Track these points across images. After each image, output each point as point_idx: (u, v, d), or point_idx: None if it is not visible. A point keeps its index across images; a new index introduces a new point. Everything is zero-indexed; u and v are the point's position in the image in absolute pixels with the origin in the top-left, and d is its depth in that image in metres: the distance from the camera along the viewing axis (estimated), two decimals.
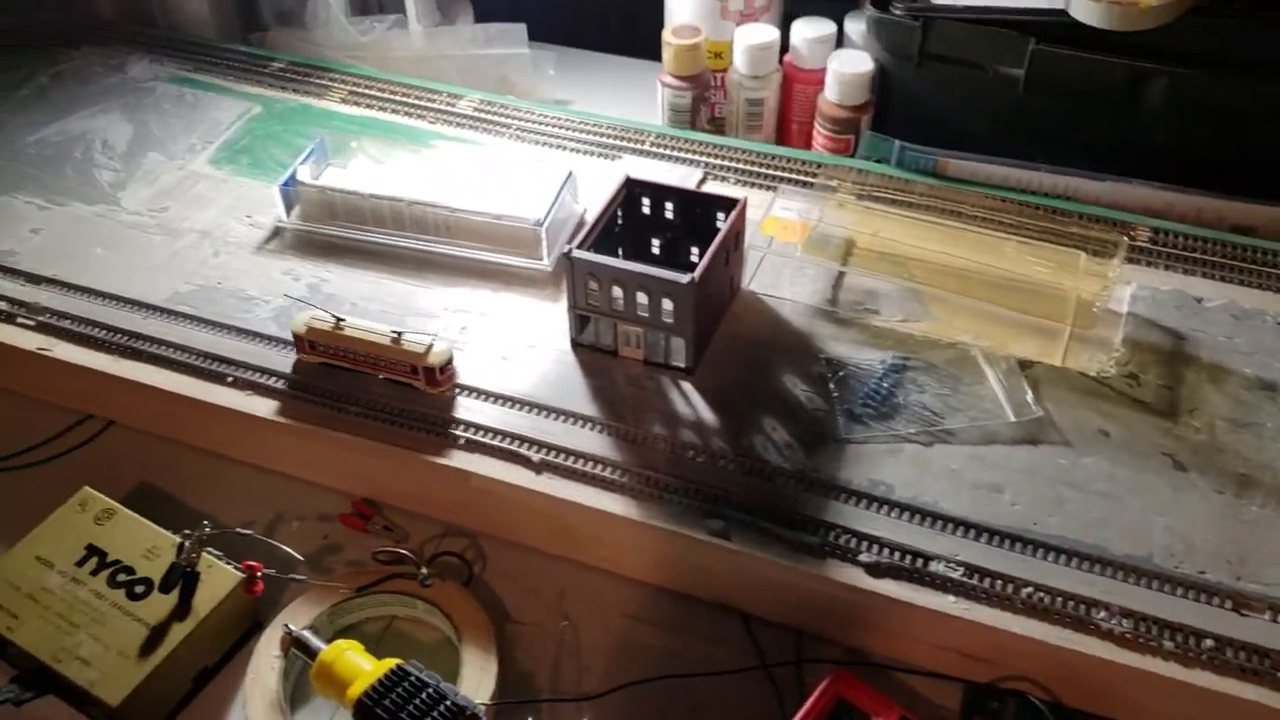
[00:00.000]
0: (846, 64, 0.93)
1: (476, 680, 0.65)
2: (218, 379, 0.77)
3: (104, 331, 0.80)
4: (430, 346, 0.74)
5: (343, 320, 0.75)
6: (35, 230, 0.88)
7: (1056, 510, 0.68)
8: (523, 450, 0.72)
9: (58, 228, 0.88)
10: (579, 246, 0.75)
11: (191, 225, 0.88)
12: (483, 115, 0.99)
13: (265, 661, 0.66)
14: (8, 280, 0.84)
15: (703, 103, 1.00)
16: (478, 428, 0.73)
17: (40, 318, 0.81)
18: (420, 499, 0.75)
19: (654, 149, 0.95)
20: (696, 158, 0.94)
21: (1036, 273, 0.82)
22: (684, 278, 0.72)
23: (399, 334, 0.74)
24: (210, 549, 0.68)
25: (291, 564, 0.70)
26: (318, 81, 1.03)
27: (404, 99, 1.01)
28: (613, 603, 0.71)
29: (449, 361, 0.75)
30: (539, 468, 0.71)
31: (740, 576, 0.68)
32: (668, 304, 0.73)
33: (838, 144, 0.95)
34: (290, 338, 0.77)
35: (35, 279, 0.84)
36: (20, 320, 0.81)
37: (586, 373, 0.77)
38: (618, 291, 0.74)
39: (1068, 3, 0.84)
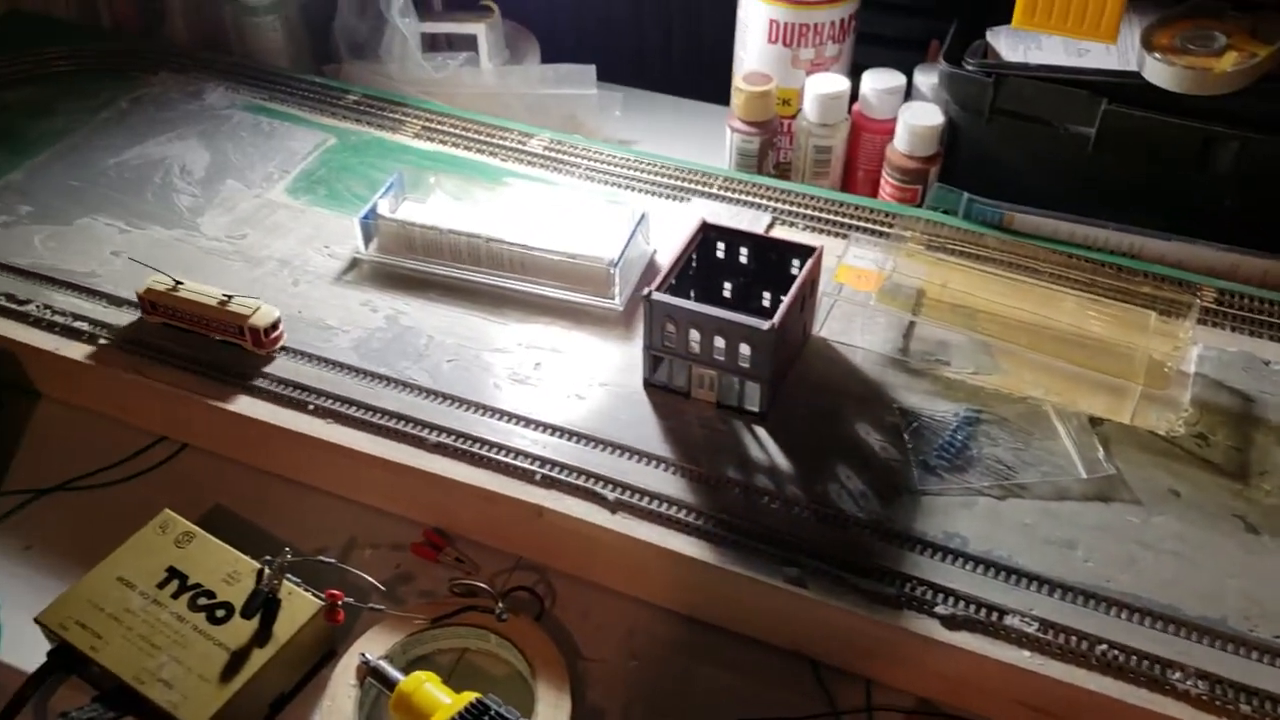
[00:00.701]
0: (918, 116, 0.94)
1: (551, 717, 0.66)
2: (298, 406, 0.78)
3: (186, 356, 0.81)
4: (257, 309, 0.79)
5: (181, 283, 0.81)
6: (116, 253, 0.90)
7: (1129, 568, 0.68)
8: (598, 488, 0.72)
9: (138, 251, 0.90)
10: (657, 289, 0.76)
11: (270, 253, 0.90)
12: (553, 154, 1.01)
13: (342, 690, 0.67)
14: (89, 301, 0.85)
15: (770, 148, 1.01)
16: (553, 464, 0.74)
17: (123, 340, 0.82)
18: (492, 531, 0.76)
19: (722, 192, 0.97)
20: (763, 202, 0.95)
21: (1106, 330, 0.82)
22: (763, 324, 0.73)
23: (229, 296, 0.80)
24: (289, 575, 0.69)
25: (367, 592, 0.71)
26: (391, 115, 1.05)
27: (476, 135, 1.02)
28: (683, 643, 0.72)
29: (275, 324, 0.80)
30: (614, 507, 0.71)
31: (813, 624, 0.68)
32: (745, 349, 0.74)
33: (905, 194, 0.97)
34: (367, 367, 0.78)
35: (117, 301, 0.85)
36: (103, 342, 0.82)
37: (659, 413, 0.78)
38: (694, 334, 0.75)
39: (1141, 65, 0.85)
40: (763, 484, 0.73)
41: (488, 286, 0.87)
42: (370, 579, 0.71)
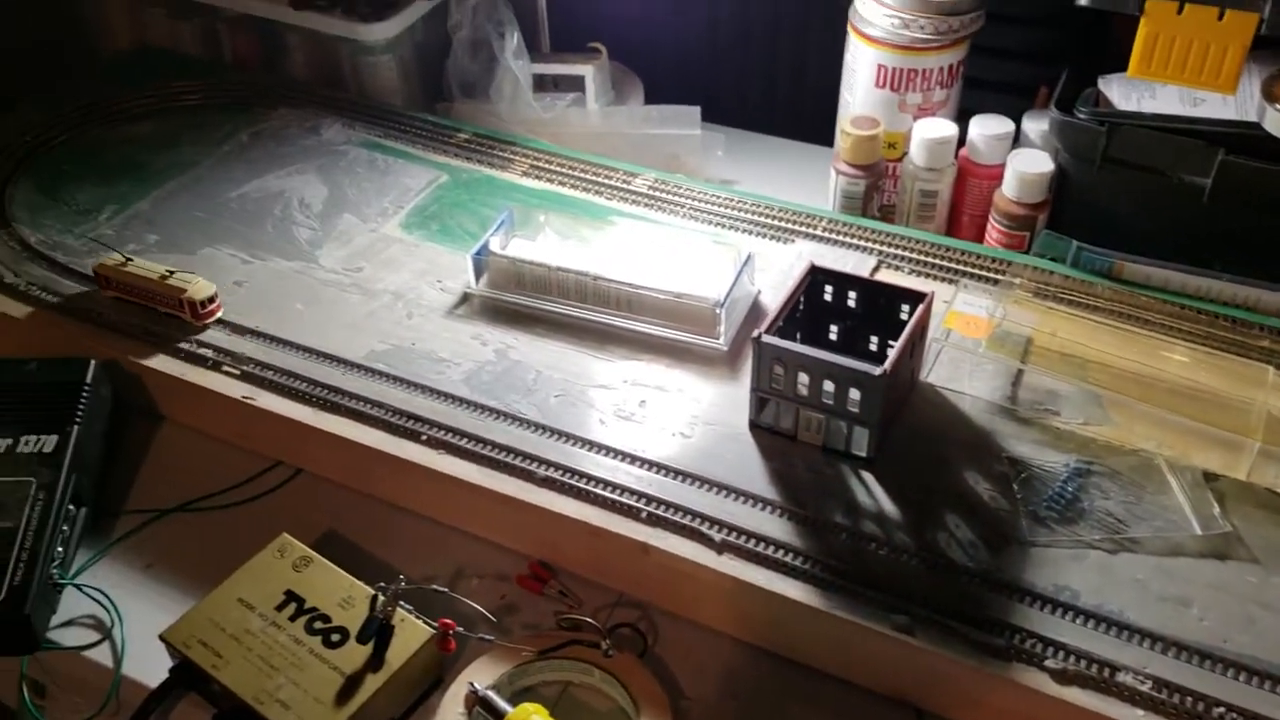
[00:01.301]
0: (1027, 163, 0.94)
1: None
2: (411, 436, 0.80)
3: (304, 384, 0.83)
4: (194, 283, 0.87)
5: (130, 259, 0.89)
6: (239, 282, 0.93)
7: (1247, 629, 0.67)
8: (703, 528, 0.73)
9: (259, 281, 0.93)
10: (766, 331, 0.77)
11: (385, 286, 0.92)
12: (658, 193, 1.02)
13: (450, 717, 0.68)
14: (214, 329, 0.88)
15: (875, 191, 1.01)
16: (658, 501, 0.75)
17: (245, 367, 0.85)
18: (596, 566, 0.77)
19: (826, 234, 0.97)
20: (868, 244, 0.96)
21: (1221, 383, 0.81)
22: (875, 369, 0.73)
23: (171, 272, 0.88)
24: (402, 602, 0.71)
25: (474, 622, 0.73)
26: (500, 154, 1.07)
27: (582, 174, 1.04)
28: (783, 685, 0.72)
29: (211, 298, 0.88)
30: (720, 547, 0.72)
31: (919, 672, 0.68)
32: (854, 393, 0.75)
33: (1012, 239, 0.96)
34: (478, 399, 0.81)
35: (240, 329, 0.88)
36: (226, 369, 0.85)
37: (765, 455, 0.78)
38: (803, 377, 0.76)
39: (1261, 116, 0.84)
40: (870, 530, 0.73)
41: (594, 323, 0.88)
42: (480, 609, 0.72)
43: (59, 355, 0.87)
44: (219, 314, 0.89)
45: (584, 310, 0.89)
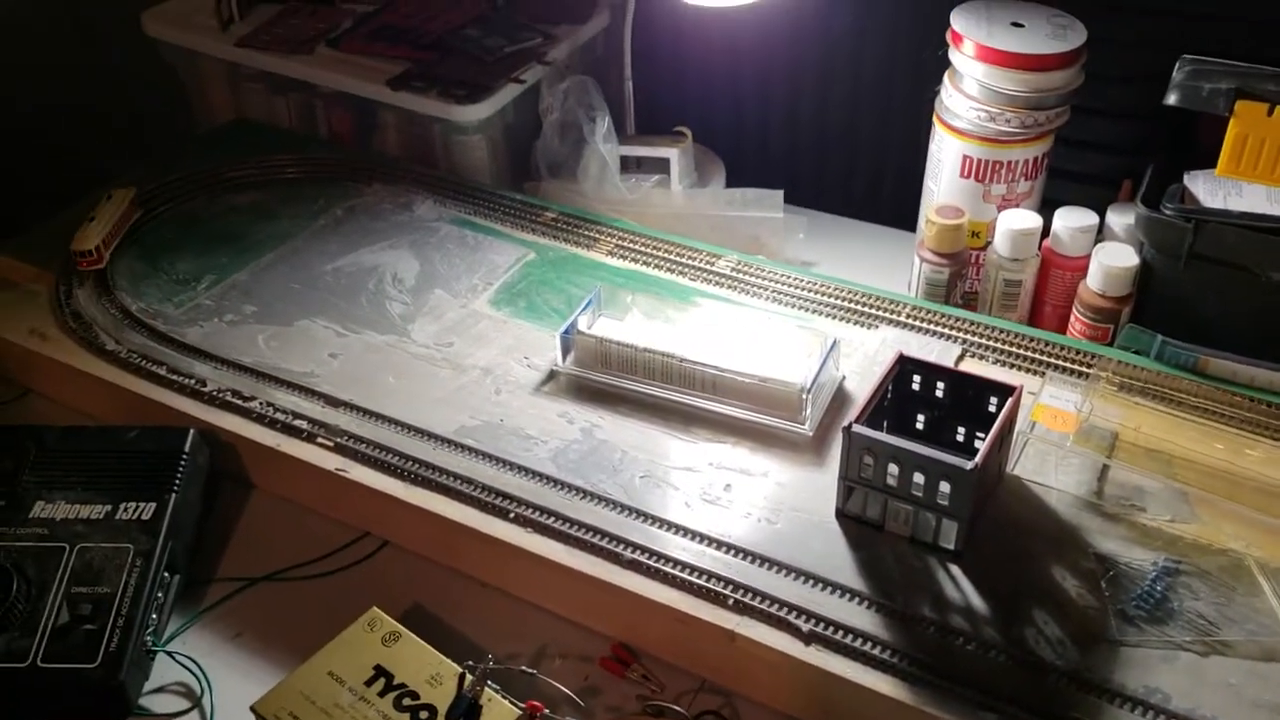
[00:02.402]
0: (1113, 257, 0.94)
1: None
2: (500, 513, 0.81)
3: (396, 458, 0.85)
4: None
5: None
6: (333, 355, 0.95)
7: None
8: (791, 618, 0.73)
9: (353, 354, 0.95)
10: (857, 420, 0.77)
11: (474, 362, 0.94)
12: (740, 275, 1.04)
13: None
14: (309, 401, 0.91)
15: (959, 279, 1.02)
16: (745, 588, 0.75)
17: (338, 439, 0.87)
18: (679, 651, 0.77)
19: (909, 320, 0.98)
20: (952, 332, 0.96)
21: None
22: (966, 463, 0.73)
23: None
24: (490, 682, 0.72)
25: (559, 703, 0.73)
26: (586, 233, 1.09)
27: (666, 255, 1.06)
28: None
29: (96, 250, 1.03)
30: (808, 638, 0.72)
31: None
32: (944, 486, 0.75)
33: (1096, 332, 0.96)
34: (565, 478, 0.82)
35: (334, 401, 0.91)
36: (320, 440, 0.87)
37: (852, 544, 0.78)
38: (893, 468, 0.76)
39: None
40: (958, 624, 0.73)
41: (679, 404, 0.90)
42: (566, 690, 0.73)
43: (158, 423, 0.90)
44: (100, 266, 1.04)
45: (669, 391, 0.90)
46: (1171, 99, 0.89)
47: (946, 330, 0.96)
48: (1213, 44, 0.90)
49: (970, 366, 0.93)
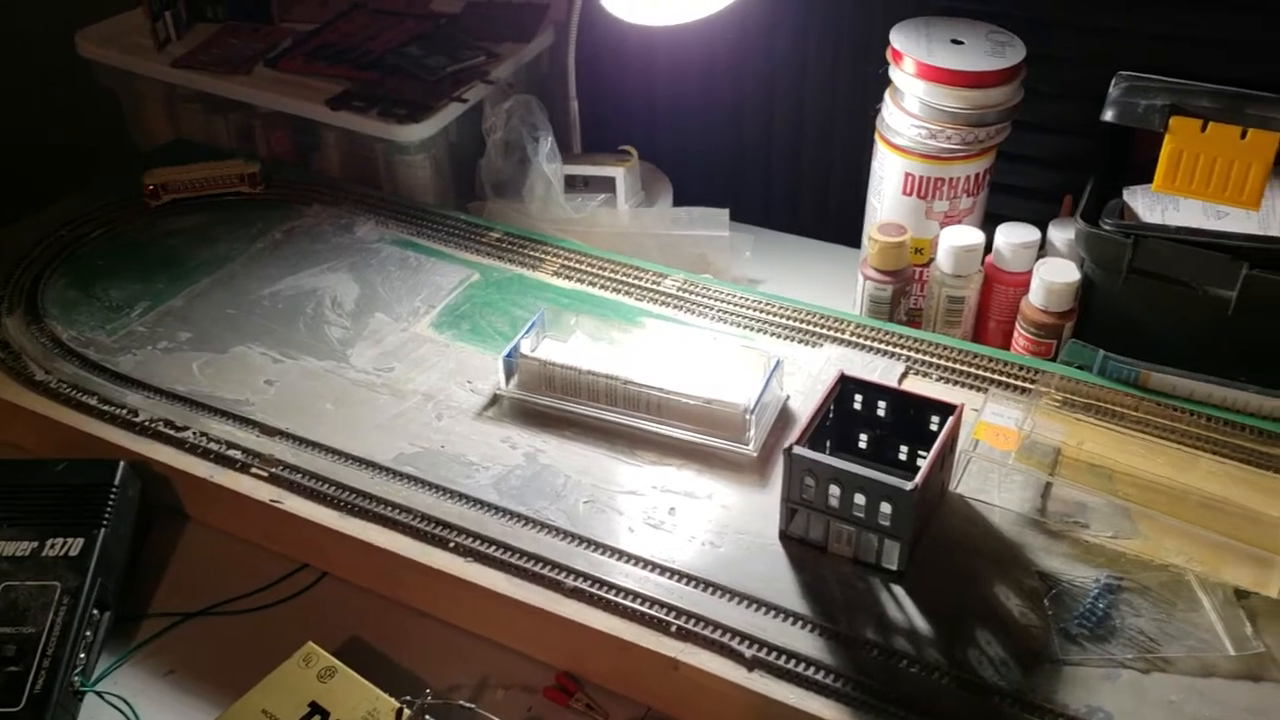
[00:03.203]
0: (1054, 272, 0.94)
1: None
2: (439, 543, 0.80)
3: (332, 487, 0.84)
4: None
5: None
6: (269, 382, 0.94)
7: None
8: (734, 644, 0.72)
9: (290, 380, 0.94)
10: (798, 442, 0.77)
11: (415, 387, 0.93)
12: (686, 294, 1.03)
13: None
14: (243, 430, 0.89)
15: (903, 296, 1.02)
16: (688, 615, 0.74)
17: (273, 469, 0.85)
18: (623, 680, 0.76)
19: (853, 338, 0.97)
20: (896, 350, 0.96)
21: (1249, 498, 0.81)
22: (906, 484, 0.73)
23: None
24: (428, 716, 0.70)
25: None
26: (531, 253, 1.08)
27: (612, 275, 1.05)
28: None
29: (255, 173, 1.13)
30: (751, 664, 0.71)
31: None
32: (885, 507, 0.74)
33: (1039, 347, 0.97)
34: (506, 505, 0.81)
35: (269, 430, 0.89)
36: (254, 471, 0.86)
37: (795, 566, 0.78)
38: (834, 490, 0.76)
39: None
40: (901, 646, 0.72)
41: (624, 427, 0.89)
42: None
43: (88, 456, 0.88)
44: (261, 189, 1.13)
45: (614, 414, 0.89)
46: (1108, 115, 0.89)
47: (890, 348, 0.96)
48: (1151, 61, 0.91)
49: (914, 384, 0.93)
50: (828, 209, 1.28)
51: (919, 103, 0.98)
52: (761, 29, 1.20)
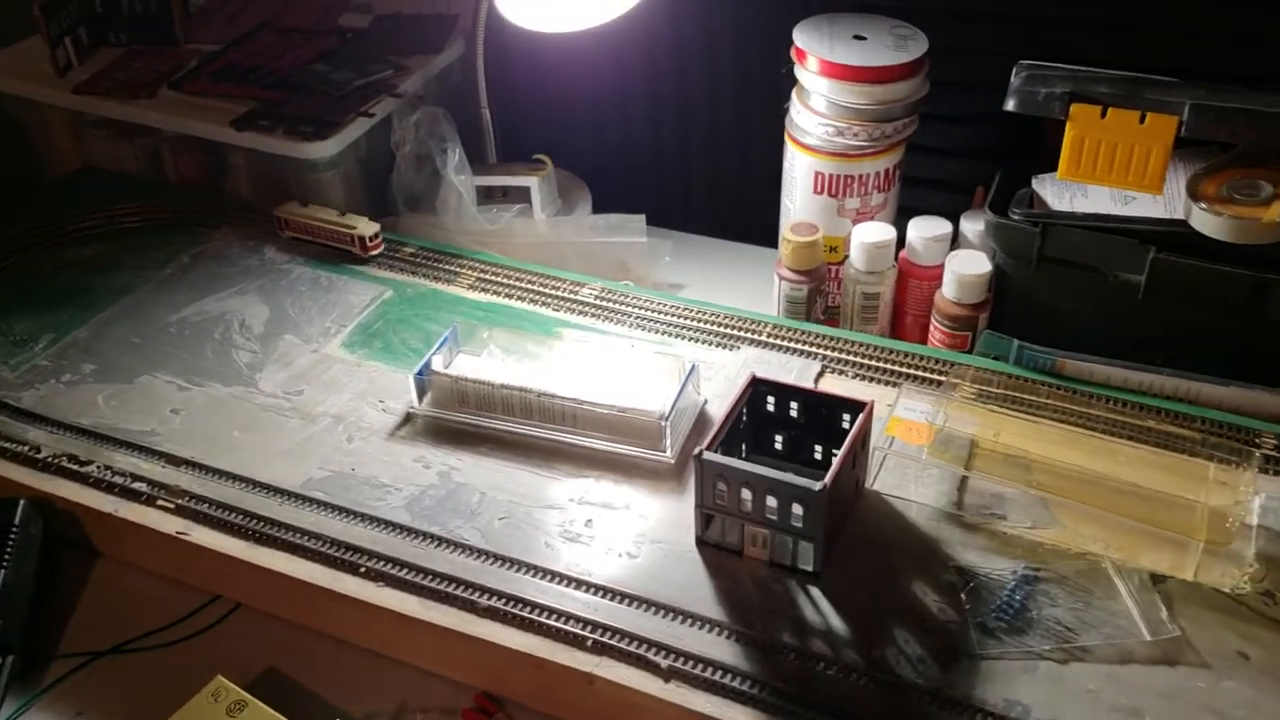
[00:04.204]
0: (965, 265, 0.94)
1: None
2: (350, 568, 0.78)
3: (240, 516, 0.82)
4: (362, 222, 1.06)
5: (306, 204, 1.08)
6: (176, 411, 0.92)
7: None
8: (650, 655, 0.71)
9: (197, 408, 0.92)
10: (708, 448, 0.76)
11: (326, 410, 0.91)
12: (605, 303, 1.02)
13: None
14: (149, 461, 0.87)
15: (819, 295, 1.02)
16: (604, 628, 0.73)
17: (179, 500, 0.83)
18: (544, 697, 0.75)
19: (771, 339, 0.97)
20: (813, 349, 0.96)
21: (1164, 482, 0.81)
22: (815, 484, 0.72)
23: (342, 213, 1.07)
24: None
25: None
26: (446, 267, 1.07)
27: (529, 285, 1.04)
28: None
29: (376, 234, 1.06)
30: (667, 675, 0.70)
31: None
32: (797, 508, 0.74)
33: (954, 340, 0.97)
34: (419, 526, 0.80)
35: (175, 460, 0.87)
36: (160, 503, 0.84)
37: (712, 572, 0.77)
38: (746, 494, 0.75)
39: (1188, 214, 0.85)
40: (818, 648, 0.72)
41: (540, 440, 0.88)
42: None
43: None
44: (380, 249, 1.08)
45: (529, 427, 0.88)
46: (1010, 105, 0.89)
47: (807, 348, 0.96)
48: (1054, 49, 0.91)
49: (830, 383, 0.93)
50: (748, 211, 1.27)
51: (824, 101, 0.98)
52: (671, 30, 1.19)
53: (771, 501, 0.75)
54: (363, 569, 0.78)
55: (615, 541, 0.80)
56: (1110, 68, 0.87)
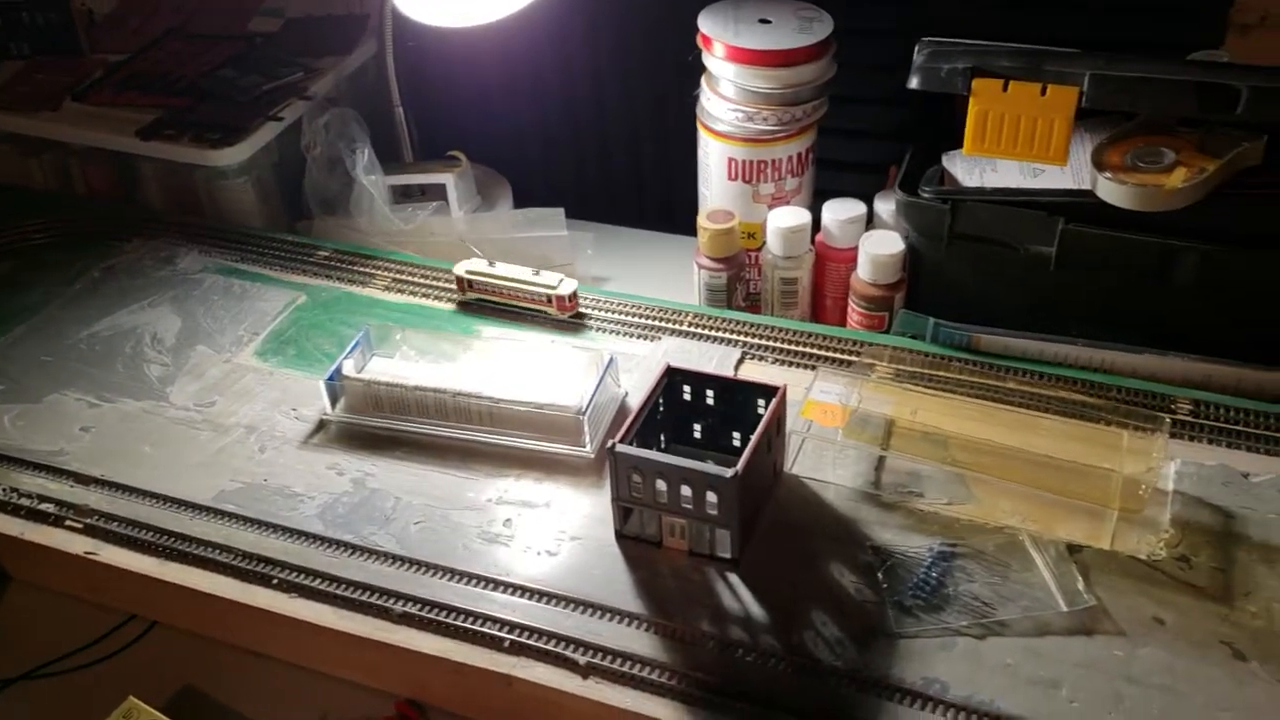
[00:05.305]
0: (878, 245, 0.94)
1: None
2: (261, 581, 0.77)
3: (150, 533, 0.80)
4: (560, 280, 0.97)
5: (493, 262, 0.99)
6: (85, 429, 0.90)
7: (1116, 707, 0.66)
8: (569, 652, 0.71)
9: (107, 425, 0.90)
10: (621, 440, 0.75)
11: (238, 420, 0.90)
12: None
13: None
14: (57, 481, 0.85)
15: (738, 282, 1.01)
16: (522, 628, 0.73)
17: (88, 520, 0.82)
18: (465, 701, 0.74)
19: (692, 329, 0.97)
20: (733, 336, 0.95)
21: (1079, 452, 0.81)
22: (727, 471, 0.72)
23: (536, 271, 0.98)
24: None
25: None
26: (361, 269, 1.05)
27: (446, 285, 1.03)
28: None
29: (574, 293, 0.97)
30: (585, 671, 0.70)
31: None
32: (712, 496, 0.73)
33: (872, 321, 0.97)
34: (333, 535, 0.78)
35: (84, 479, 0.85)
36: (69, 523, 0.82)
37: (631, 565, 0.76)
38: (661, 484, 0.75)
39: (1094, 184, 0.86)
40: (737, 636, 0.71)
41: (457, 441, 0.87)
42: None
43: None
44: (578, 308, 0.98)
45: (446, 428, 0.87)
46: (913, 82, 0.89)
47: (728, 335, 0.96)
48: (960, 25, 0.91)
49: (751, 369, 0.92)
50: (672, 200, 1.26)
51: (733, 86, 0.98)
52: (582, 22, 1.18)
53: (686, 491, 0.74)
54: (275, 581, 0.76)
55: (534, 540, 0.79)
56: (1014, 42, 0.87)
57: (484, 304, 1.00)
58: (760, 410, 0.80)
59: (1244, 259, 0.85)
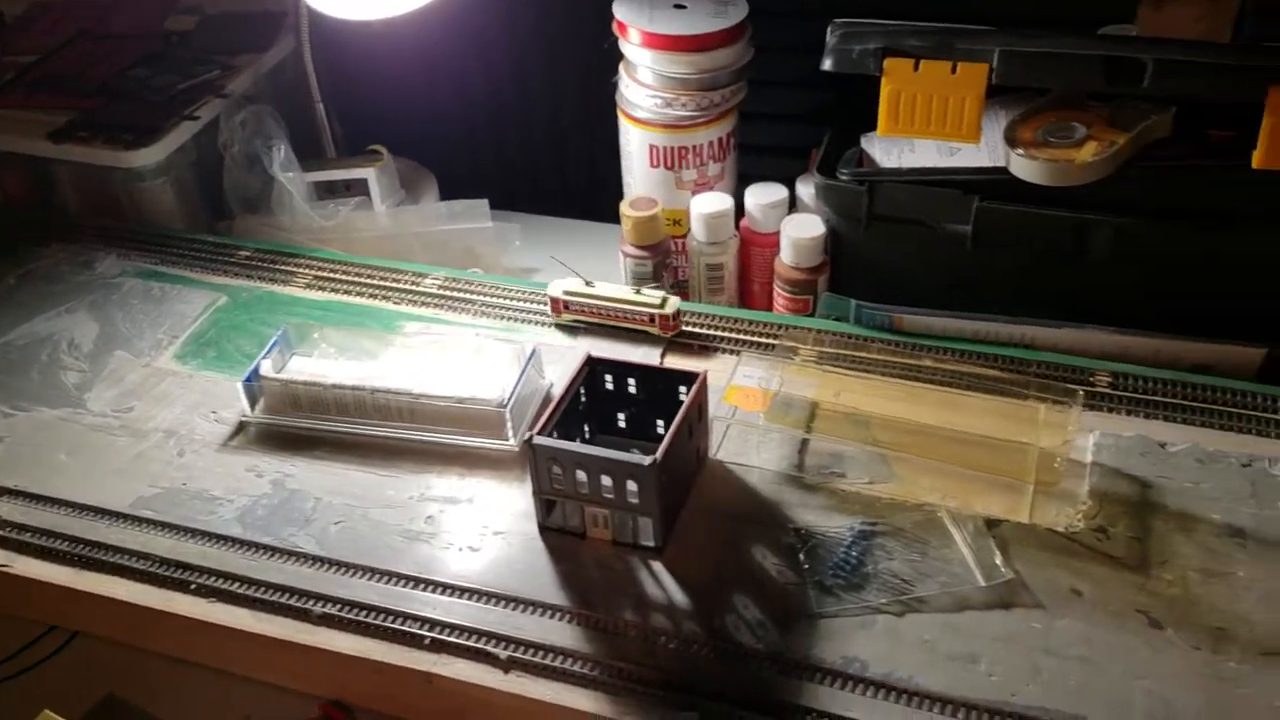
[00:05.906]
0: (799, 228, 0.94)
1: None
2: (180, 586, 0.76)
3: (65, 543, 0.79)
4: (664, 300, 0.92)
5: (591, 282, 0.94)
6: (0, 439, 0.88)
7: (1034, 679, 0.67)
8: (490, 647, 0.70)
9: (21, 435, 0.88)
10: (540, 431, 0.75)
11: (156, 425, 0.88)
12: (448, 292, 1.00)
13: None
14: None
15: (665, 269, 1.01)
16: (443, 626, 0.72)
17: (1, 532, 0.80)
18: (389, 700, 0.74)
19: None
20: None
21: (997, 427, 0.82)
22: (645, 460, 0.72)
23: (637, 290, 0.93)
24: None
25: None
26: (283, 268, 1.04)
27: (368, 280, 1.02)
28: None
29: (678, 312, 0.92)
30: (507, 666, 0.70)
31: None
32: (632, 485, 0.73)
33: (797, 304, 0.97)
34: (252, 538, 0.77)
35: None
36: None
37: (555, 558, 0.76)
38: (581, 475, 0.74)
39: (1007, 161, 0.86)
40: (660, 623, 0.71)
41: (379, 439, 0.86)
42: None
43: None
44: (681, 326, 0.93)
45: (367, 426, 0.86)
46: (826, 64, 0.89)
47: None
48: (874, 5, 0.91)
49: (677, 357, 0.92)
50: (600, 189, 1.26)
51: (650, 72, 0.97)
52: (502, 11, 1.17)
53: (606, 481, 0.74)
54: (193, 586, 0.76)
55: (457, 536, 0.78)
56: (932, 21, 0.88)
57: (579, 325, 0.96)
58: (682, 398, 0.80)
59: (1157, 231, 0.86)
